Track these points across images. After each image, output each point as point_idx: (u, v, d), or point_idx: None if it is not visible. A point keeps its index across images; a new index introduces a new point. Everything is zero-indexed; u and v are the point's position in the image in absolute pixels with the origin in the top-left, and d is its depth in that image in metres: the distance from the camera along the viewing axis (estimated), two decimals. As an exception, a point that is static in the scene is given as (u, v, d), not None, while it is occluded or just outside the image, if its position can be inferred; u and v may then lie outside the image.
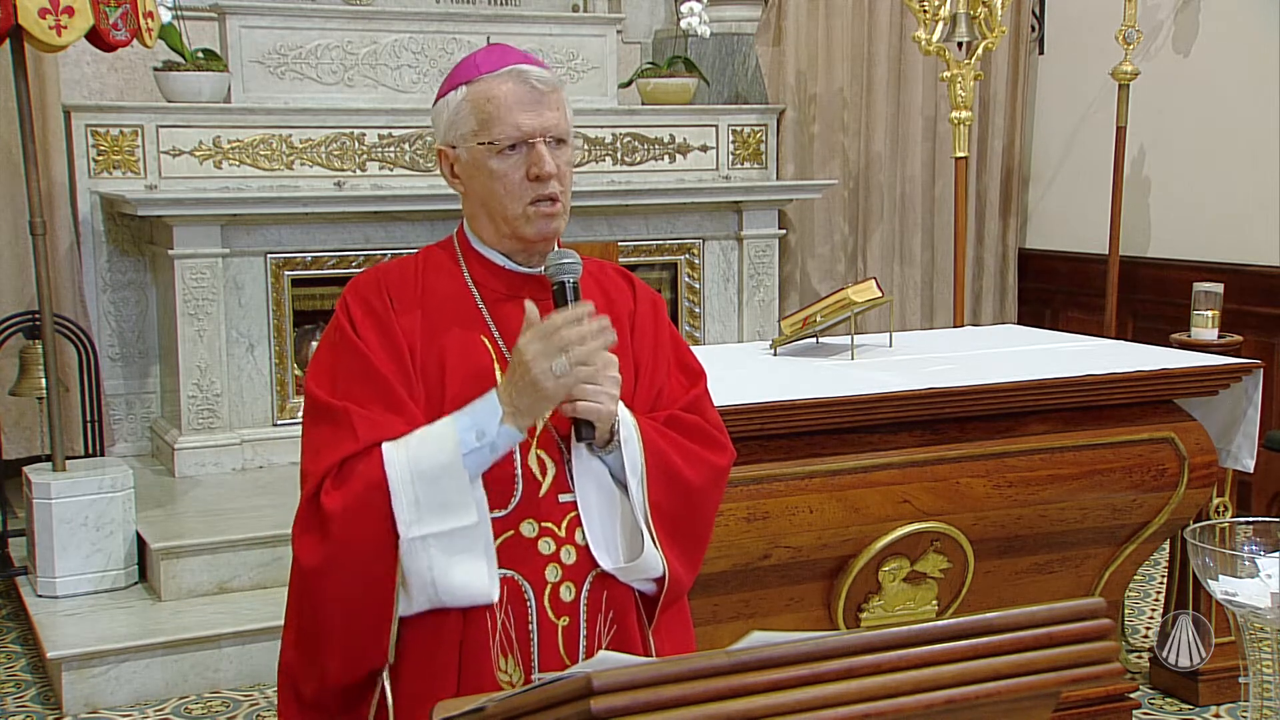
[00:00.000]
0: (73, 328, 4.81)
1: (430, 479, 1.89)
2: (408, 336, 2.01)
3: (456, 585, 1.91)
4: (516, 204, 2.03)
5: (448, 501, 1.90)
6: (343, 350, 2.00)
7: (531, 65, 2.05)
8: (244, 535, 4.26)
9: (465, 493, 1.90)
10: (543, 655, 1.98)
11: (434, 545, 1.89)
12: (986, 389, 3.09)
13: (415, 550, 1.89)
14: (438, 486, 1.89)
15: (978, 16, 5.33)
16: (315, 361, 2.04)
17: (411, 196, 5.17)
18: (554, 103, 2.05)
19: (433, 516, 1.89)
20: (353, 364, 1.98)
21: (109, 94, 5.50)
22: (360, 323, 2.01)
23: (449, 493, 1.90)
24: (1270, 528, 2.46)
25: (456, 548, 1.90)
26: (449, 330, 2.04)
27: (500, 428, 1.91)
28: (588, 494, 2.01)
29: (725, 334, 5.92)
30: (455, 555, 1.90)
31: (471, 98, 2.04)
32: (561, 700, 1.23)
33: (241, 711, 3.80)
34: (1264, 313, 5.05)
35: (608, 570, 2.01)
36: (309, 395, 2.01)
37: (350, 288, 2.07)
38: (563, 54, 5.80)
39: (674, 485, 2.04)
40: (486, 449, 1.92)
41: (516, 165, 2.02)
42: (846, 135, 6.24)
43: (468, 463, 1.91)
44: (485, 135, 2.02)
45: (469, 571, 1.91)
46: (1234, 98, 5.30)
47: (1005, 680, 1.32)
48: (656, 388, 2.14)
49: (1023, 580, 3.25)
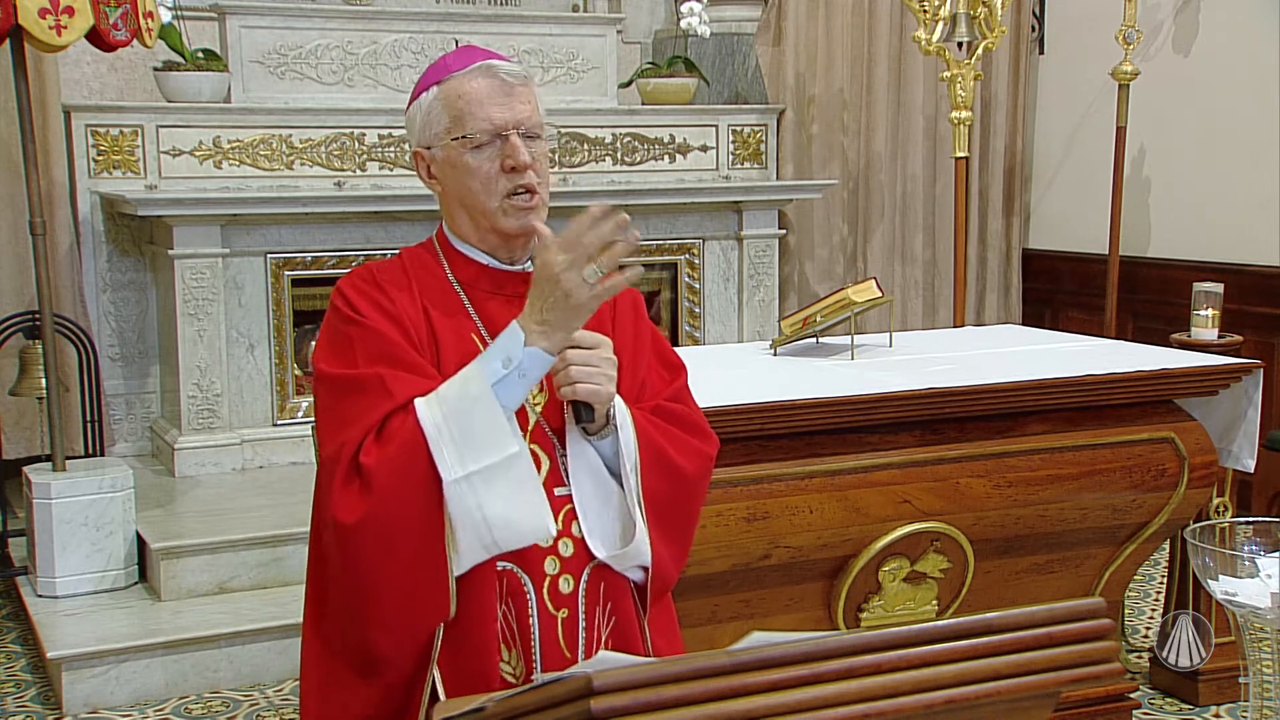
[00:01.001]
0: (73, 328, 4.81)
1: (464, 416, 1.87)
2: (409, 317, 2.02)
3: (510, 519, 1.88)
4: (493, 198, 2.03)
5: (486, 436, 1.87)
6: (353, 332, 1.99)
7: (501, 61, 2.06)
8: (244, 535, 4.26)
9: (502, 425, 1.88)
10: (543, 647, 1.99)
11: (479, 482, 1.87)
12: (986, 389, 3.09)
13: (461, 492, 1.87)
14: (473, 422, 1.87)
15: (978, 16, 5.33)
16: (324, 347, 2.02)
17: (411, 196, 5.16)
18: (525, 96, 2.05)
19: (472, 453, 1.87)
20: (368, 341, 1.98)
21: (109, 94, 5.50)
22: (362, 307, 2.01)
23: (485, 427, 1.87)
24: (1270, 528, 2.46)
25: (502, 481, 1.88)
26: (441, 321, 2.05)
27: (526, 350, 1.90)
28: (582, 484, 2.02)
29: (725, 334, 5.92)
30: (503, 489, 1.88)
31: (443, 96, 2.05)
32: (561, 700, 1.23)
33: (241, 711, 3.79)
34: (1264, 313, 5.05)
35: (601, 558, 2.01)
36: (326, 377, 1.98)
37: (342, 283, 2.06)
38: (563, 54, 5.80)
39: (667, 473, 2.05)
40: (515, 375, 1.90)
41: (491, 159, 2.02)
42: (846, 135, 6.24)
43: (499, 393, 1.89)
44: (458, 130, 2.03)
45: (520, 504, 1.89)
46: (1234, 98, 5.30)
47: (1005, 680, 1.32)
48: (639, 381, 2.15)
49: (1023, 580, 3.25)
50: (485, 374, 1.89)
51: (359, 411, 1.91)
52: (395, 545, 1.87)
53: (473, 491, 1.87)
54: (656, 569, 2.05)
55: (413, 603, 1.90)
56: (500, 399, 1.89)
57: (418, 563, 1.88)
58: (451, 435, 1.87)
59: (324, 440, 1.96)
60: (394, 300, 2.02)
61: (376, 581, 1.90)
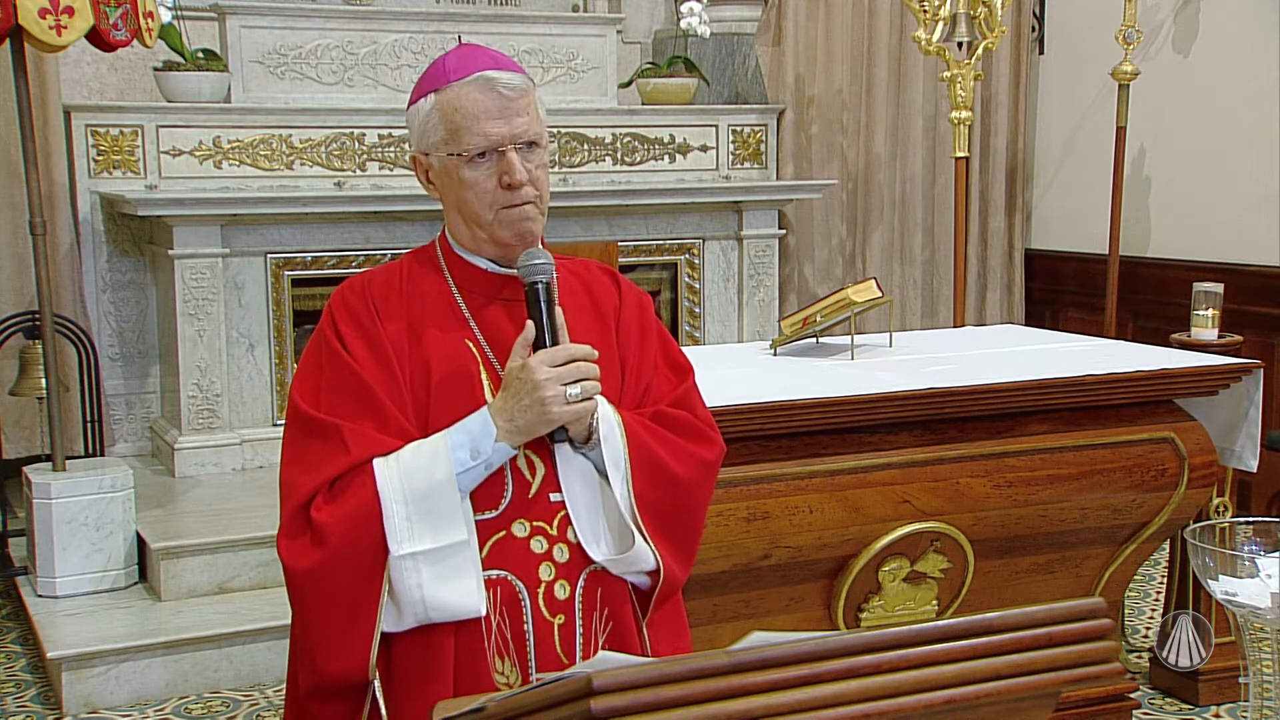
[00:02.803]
0: (73, 328, 4.81)
1: (422, 497, 1.91)
2: (394, 344, 2.01)
3: (445, 602, 1.92)
4: (489, 211, 2.03)
5: (439, 519, 1.91)
6: (329, 363, 2.00)
7: (500, 70, 2.02)
8: (244, 535, 4.27)
9: (456, 510, 1.92)
10: (539, 654, 1.98)
11: (423, 562, 1.90)
12: (986, 389, 3.09)
13: (405, 568, 1.90)
14: (429, 505, 1.91)
15: (978, 16, 5.33)
16: (302, 372, 2.04)
17: (411, 196, 5.16)
18: (522, 108, 2.02)
19: (424, 534, 1.90)
20: (340, 377, 1.98)
21: (109, 94, 5.50)
22: (346, 335, 2.01)
23: (440, 511, 1.91)
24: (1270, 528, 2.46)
25: (445, 564, 1.91)
26: (433, 334, 2.04)
27: (495, 446, 1.94)
28: (573, 489, 2.02)
29: (725, 334, 5.92)
30: (444, 572, 1.91)
31: (440, 107, 2.03)
32: (561, 700, 1.23)
33: (241, 711, 3.79)
34: (1264, 313, 5.05)
35: (598, 561, 2.01)
36: (294, 406, 2.01)
37: (335, 297, 2.07)
38: (563, 54, 5.80)
39: (659, 478, 2.04)
40: (481, 467, 1.94)
41: (488, 174, 2.01)
42: (846, 135, 6.24)
43: (460, 481, 1.93)
44: (455, 146, 2.01)
45: (457, 589, 1.92)
46: (1234, 98, 5.30)
47: (1005, 680, 1.32)
48: (644, 384, 2.14)
49: (1023, 580, 3.25)
50: (451, 461, 1.92)
51: (313, 458, 1.95)
52: (336, 597, 1.92)
53: (416, 570, 1.91)
54: (665, 574, 2.04)
55: (342, 654, 1.94)
56: (461, 486, 1.93)
57: (350, 617, 1.92)
58: (406, 512, 1.90)
59: (283, 465, 2.01)
60: (381, 319, 2.03)
61: (316, 624, 1.94)
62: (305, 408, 1.99)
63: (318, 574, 1.91)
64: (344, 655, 1.93)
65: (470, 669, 1.95)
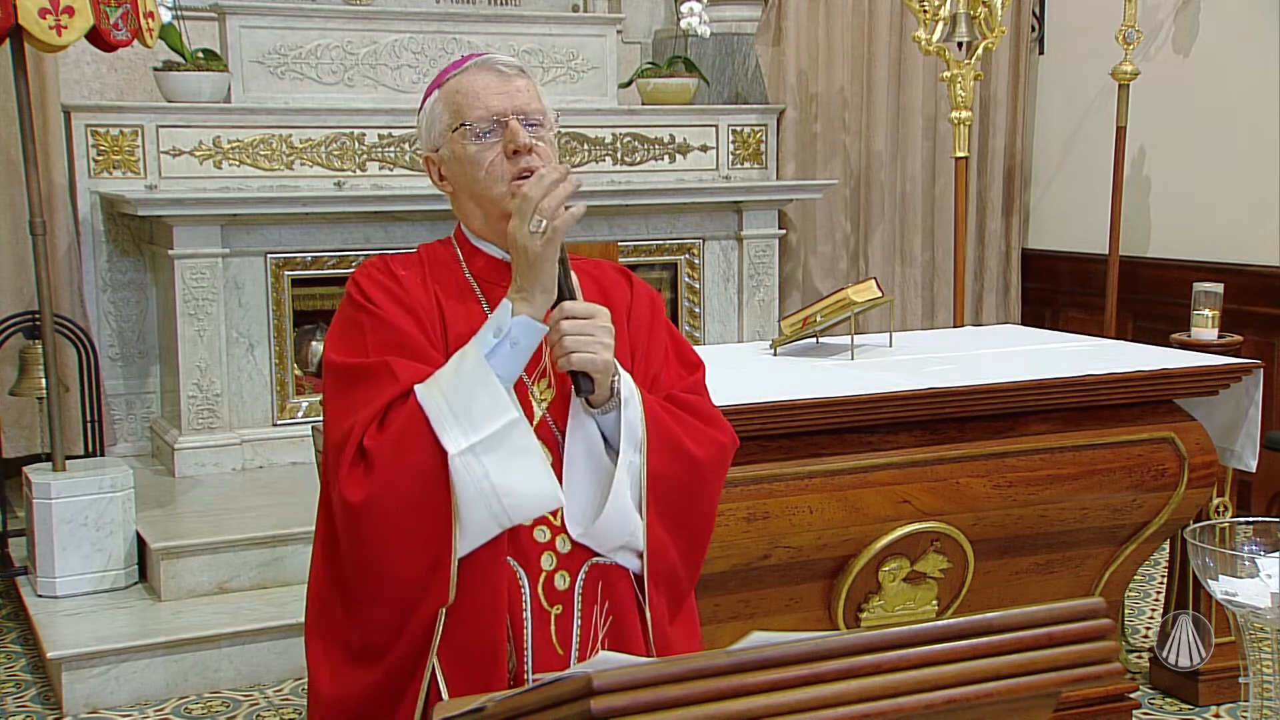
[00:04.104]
0: (72, 328, 4.81)
1: (463, 389, 1.91)
2: (422, 307, 2.06)
3: (514, 485, 1.90)
4: (499, 183, 2.06)
5: (484, 406, 1.90)
6: (366, 320, 2.03)
7: (499, 57, 2.13)
8: (244, 535, 4.26)
9: (499, 393, 1.91)
10: (536, 643, 2.00)
11: (483, 451, 1.89)
12: (986, 389, 3.09)
13: (467, 464, 1.89)
14: (471, 394, 1.90)
15: (978, 16, 5.33)
16: (335, 335, 2.06)
17: (411, 196, 5.17)
18: (522, 86, 2.09)
19: (473, 424, 1.89)
20: (377, 332, 2.01)
21: (109, 94, 5.50)
22: (375, 297, 2.04)
23: (483, 397, 1.90)
24: (1270, 528, 2.46)
25: (505, 448, 1.90)
26: (453, 306, 2.09)
27: (513, 319, 1.94)
28: (575, 461, 2.02)
29: (725, 334, 5.92)
30: (506, 456, 1.90)
31: (443, 96, 2.11)
32: (561, 700, 1.23)
33: (241, 711, 3.79)
34: (1264, 313, 5.05)
35: (575, 536, 2.01)
36: (334, 366, 2.01)
37: (357, 273, 2.10)
38: (563, 54, 5.80)
39: (678, 456, 2.05)
40: (507, 344, 1.93)
41: (493, 147, 2.06)
42: (847, 135, 6.24)
43: (494, 364, 1.92)
44: (458, 121, 2.07)
45: (525, 468, 1.91)
46: (1234, 98, 5.30)
47: (1005, 680, 1.32)
48: (652, 374, 2.16)
49: (1023, 580, 3.25)
50: (479, 345, 1.94)
51: (365, 398, 1.95)
52: (399, 524, 1.90)
53: (478, 461, 1.89)
54: (654, 554, 2.04)
55: (414, 584, 1.92)
56: (495, 369, 1.92)
57: (421, 543, 1.90)
58: (452, 410, 1.90)
59: (330, 426, 1.99)
60: (408, 289, 2.06)
61: (381, 560, 1.92)
62: (346, 359, 2.00)
63: (376, 497, 1.89)
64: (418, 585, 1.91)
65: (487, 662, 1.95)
